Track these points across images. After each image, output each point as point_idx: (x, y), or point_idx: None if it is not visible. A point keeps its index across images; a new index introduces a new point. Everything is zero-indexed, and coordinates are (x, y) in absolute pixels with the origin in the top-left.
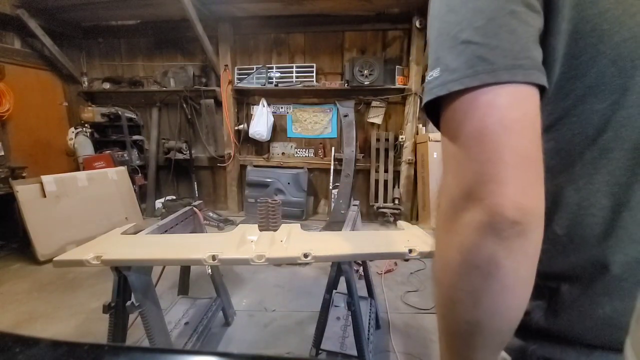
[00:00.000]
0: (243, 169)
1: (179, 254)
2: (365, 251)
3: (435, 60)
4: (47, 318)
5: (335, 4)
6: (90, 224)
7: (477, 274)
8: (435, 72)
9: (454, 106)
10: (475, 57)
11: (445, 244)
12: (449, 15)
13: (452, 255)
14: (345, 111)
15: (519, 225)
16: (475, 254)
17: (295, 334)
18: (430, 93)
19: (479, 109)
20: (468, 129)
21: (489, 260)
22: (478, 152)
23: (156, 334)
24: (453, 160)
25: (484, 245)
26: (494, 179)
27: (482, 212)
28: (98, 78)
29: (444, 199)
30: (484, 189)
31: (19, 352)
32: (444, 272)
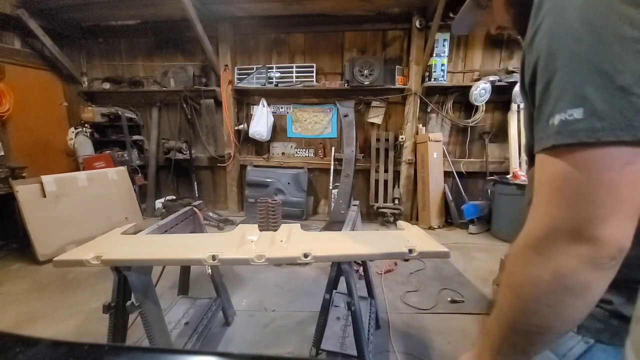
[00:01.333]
0: (243, 169)
1: (179, 254)
2: (365, 251)
3: (579, 98)
4: (47, 318)
5: (335, 4)
6: (90, 224)
7: (568, 295)
8: (577, 112)
9: (595, 153)
10: (633, 109)
11: (534, 265)
12: (599, 48)
13: (542, 275)
14: (345, 111)
15: (615, 260)
16: (572, 279)
17: (295, 334)
18: (571, 136)
19: (620, 163)
20: (606, 175)
21: (582, 285)
22: (605, 200)
23: (156, 334)
24: (565, 198)
25: (583, 273)
26: (611, 225)
27: (590, 248)
28: (98, 78)
29: (542, 227)
30: (599, 231)
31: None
32: (527, 287)
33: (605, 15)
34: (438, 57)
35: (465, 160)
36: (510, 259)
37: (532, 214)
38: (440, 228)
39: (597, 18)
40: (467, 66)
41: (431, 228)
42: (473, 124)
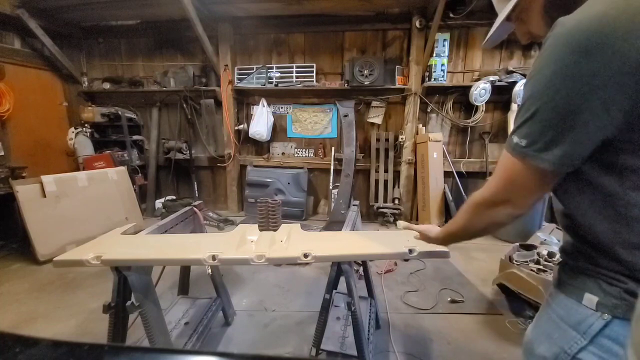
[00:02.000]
0: (243, 169)
1: (179, 254)
2: (365, 251)
3: (527, 134)
4: (47, 318)
5: (335, 4)
6: (90, 224)
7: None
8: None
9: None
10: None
11: (482, 210)
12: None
13: (484, 217)
14: (345, 111)
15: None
16: (498, 219)
17: (295, 334)
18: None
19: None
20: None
21: (501, 223)
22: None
23: (156, 334)
24: (504, 181)
25: (503, 218)
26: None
27: (509, 208)
28: (98, 78)
29: (490, 192)
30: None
31: (19, 352)
32: (476, 220)
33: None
34: (438, 57)
35: (465, 160)
36: (470, 204)
37: (489, 183)
38: None
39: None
40: (467, 66)
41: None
42: (473, 124)
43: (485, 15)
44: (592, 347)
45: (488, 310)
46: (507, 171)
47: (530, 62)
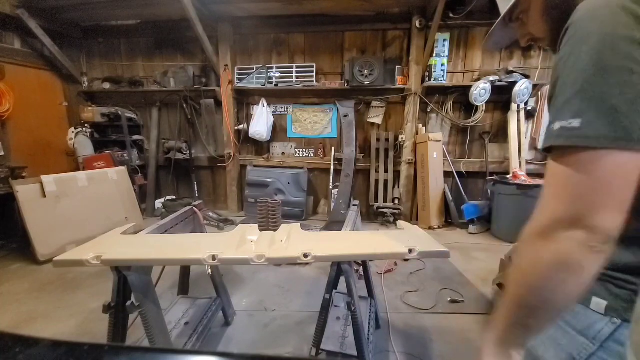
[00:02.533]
0: (243, 169)
1: (179, 254)
2: (365, 251)
3: (580, 111)
4: (47, 318)
5: (335, 4)
6: (90, 224)
7: (565, 272)
8: (577, 122)
9: (584, 156)
10: (617, 124)
11: (540, 247)
12: (602, 73)
13: (547, 255)
14: (345, 111)
15: (607, 245)
16: (569, 259)
17: (295, 334)
18: (568, 139)
19: (609, 167)
20: (594, 178)
21: (578, 265)
22: (601, 196)
23: (156, 334)
24: (568, 193)
25: (578, 254)
26: (605, 215)
27: (586, 234)
28: (98, 78)
29: (547, 216)
30: (592, 222)
31: (19, 352)
32: (533, 266)
33: (612, 49)
34: (438, 57)
35: (465, 160)
36: (521, 244)
37: (540, 207)
38: (440, 228)
39: (606, 50)
40: (467, 66)
41: (431, 228)
42: (473, 124)
43: (485, 15)
44: (602, 353)
45: (488, 310)
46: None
47: (530, 62)
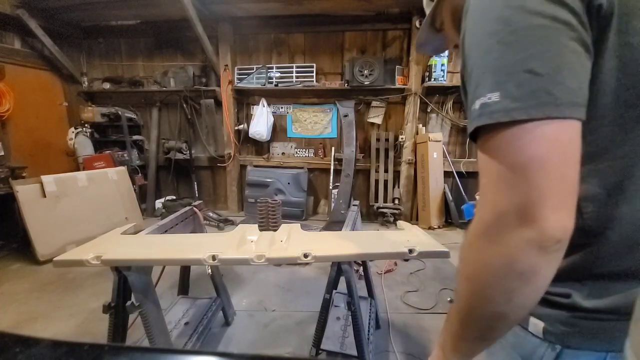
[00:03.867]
0: (243, 169)
1: (179, 254)
2: (365, 251)
3: (496, 84)
4: (47, 318)
5: (335, 4)
6: (90, 224)
7: (517, 279)
8: (495, 96)
9: (514, 132)
10: (540, 89)
11: (485, 251)
12: (510, 38)
13: (494, 261)
14: (345, 111)
15: (560, 243)
16: (520, 263)
17: (295, 334)
18: (490, 117)
19: (544, 140)
20: (528, 157)
21: (530, 269)
22: (539, 180)
23: (156, 334)
24: (505, 182)
25: (530, 257)
26: (550, 205)
27: (533, 231)
28: (98, 78)
29: (489, 212)
30: (540, 213)
31: (19, 352)
32: (480, 275)
33: (517, 10)
34: (438, 57)
35: (465, 160)
36: (464, 248)
37: (479, 203)
38: (440, 228)
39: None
40: None
41: (431, 228)
42: None
43: None
44: None
45: None
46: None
47: None
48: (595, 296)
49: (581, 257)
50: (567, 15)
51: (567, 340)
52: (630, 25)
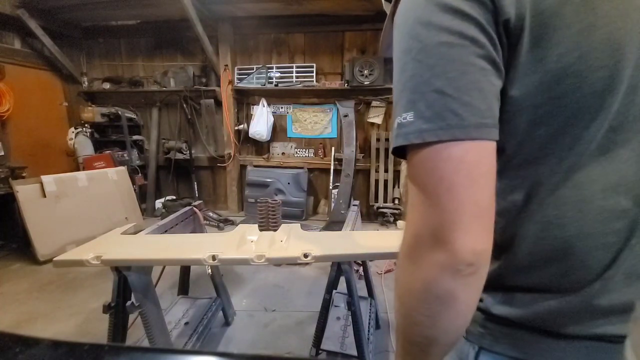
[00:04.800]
0: (243, 169)
1: (179, 254)
2: (365, 251)
3: (410, 103)
4: (47, 318)
5: (335, 4)
6: (90, 224)
7: (437, 303)
8: (409, 116)
9: (425, 154)
10: (448, 110)
11: (409, 274)
12: (421, 56)
13: (415, 284)
14: (345, 111)
15: (473, 266)
16: (437, 287)
17: (295, 334)
18: (405, 138)
19: (450, 162)
20: (438, 179)
21: (447, 293)
22: (447, 201)
23: (156, 334)
24: (421, 203)
25: (444, 281)
26: (458, 227)
27: (445, 254)
28: (98, 78)
29: (410, 233)
30: (448, 235)
31: (19, 352)
32: (407, 297)
33: (426, 26)
34: None
35: None
36: (396, 267)
37: (406, 222)
38: None
39: (419, 30)
40: None
41: None
42: None
43: None
44: None
45: None
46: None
47: None
48: (505, 305)
49: (493, 268)
50: (474, 30)
51: (482, 341)
52: (544, 40)
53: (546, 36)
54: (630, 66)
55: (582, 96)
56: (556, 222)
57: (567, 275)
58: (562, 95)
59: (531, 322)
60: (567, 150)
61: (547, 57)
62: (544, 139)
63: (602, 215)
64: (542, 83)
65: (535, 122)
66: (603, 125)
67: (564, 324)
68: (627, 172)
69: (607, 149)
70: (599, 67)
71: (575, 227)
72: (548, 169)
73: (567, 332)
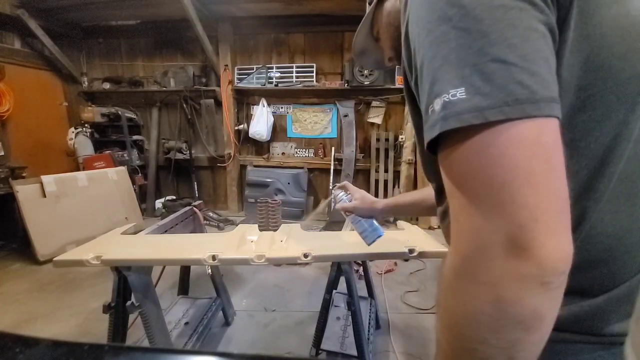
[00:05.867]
0: (243, 169)
1: (179, 254)
2: (365, 251)
3: (458, 78)
4: (47, 318)
5: (335, 4)
6: (90, 224)
7: (518, 329)
8: (460, 92)
9: (487, 138)
10: (514, 82)
11: (470, 297)
12: (468, 22)
13: (482, 309)
14: (345, 111)
15: (565, 274)
16: (519, 308)
17: (295, 334)
18: (458, 119)
19: (525, 145)
20: (511, 168)
21: (533, 314)
22: (525, 196)
23: (156, 334)
24: (482, 204)
25: (530, 298)
26: (543, 227)
27: (528, 263)
28: (98, 78)
29: (466, 247)
30: (532, 239)
31: (19, 352)
32: (467, 328)
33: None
34: None
35: None
36: (441, 290)
37: (454, 232)
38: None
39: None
40: None
41: (431, 228)
42: None
43: None
44: None
45: None
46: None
47: None
48: None
49: None
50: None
51: None
52: (588, 16)
53: (590, 13)
54: None
55: (628, 78)
56: (608, 217)
57: (615, 273)
58: (607, 76)
59: (571, 326)
60: (615, 138)
61: (592, 36)
62: (589, 124)
63: None
64: (587, 62)
65: (577, 107)
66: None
67: (606, 322)
68: None
69: None
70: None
71: (629, 221)
72: (596, 159)
73: (607, 332)
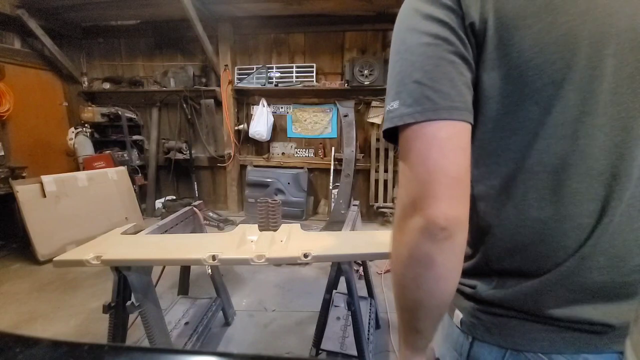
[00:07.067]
0: (243, 169)
1: (179, 254)
2: (365, 251)
3: (396, 93)
4: (47, 318)
5: (335, 4)
6: (90, 224)
7: (418, 266)
8: (395, 104)
9: (406, 134)
10: (424, 97)
11: (397, 242)
12: (405, 55)
13: (401, 250)
14: (345, 111)
15: (446, 230)
16: (417, 250)
17: (295, 334)
18: (391, 121)
19: (424, 139)
20: (415, 153)
21: (426, 256)
22: (421, 172)
23: (156, 334)
24: (404, 176)
25: (422, 244)
26: (431, 194)
27: (421, 219)
28: (98, 78)
29: (398, 206)
30: (424, 202)
31: (19, 352)
32: (396, 263)
33: (411, 31)
34: None
35: None
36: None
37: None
38: None
39: (406, 34)
40: None
41: None
42: None
43: None
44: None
45: None
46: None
47: None
48: (494, 289)
49: (481, 253)
50: (446, 32)
51: (474, 331)
52: (506, 39)
53: (508, 35)
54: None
55: (543, 85)
56: (534, 205)
57: (546, 256)
58: (524, 85)
59: (516, 304)
60: (535, 136)
61: (510, 54)
62: (513, 125)
63: (575, 198)
64: (507, 75)
65: (503, 110)
66: (569, 112)
67: (546, 305)
68: (599, 156)
69: (580, 135)
70: (557, 59)
71: (551, 209)
72: (520, 154)
73: (551, 315)
